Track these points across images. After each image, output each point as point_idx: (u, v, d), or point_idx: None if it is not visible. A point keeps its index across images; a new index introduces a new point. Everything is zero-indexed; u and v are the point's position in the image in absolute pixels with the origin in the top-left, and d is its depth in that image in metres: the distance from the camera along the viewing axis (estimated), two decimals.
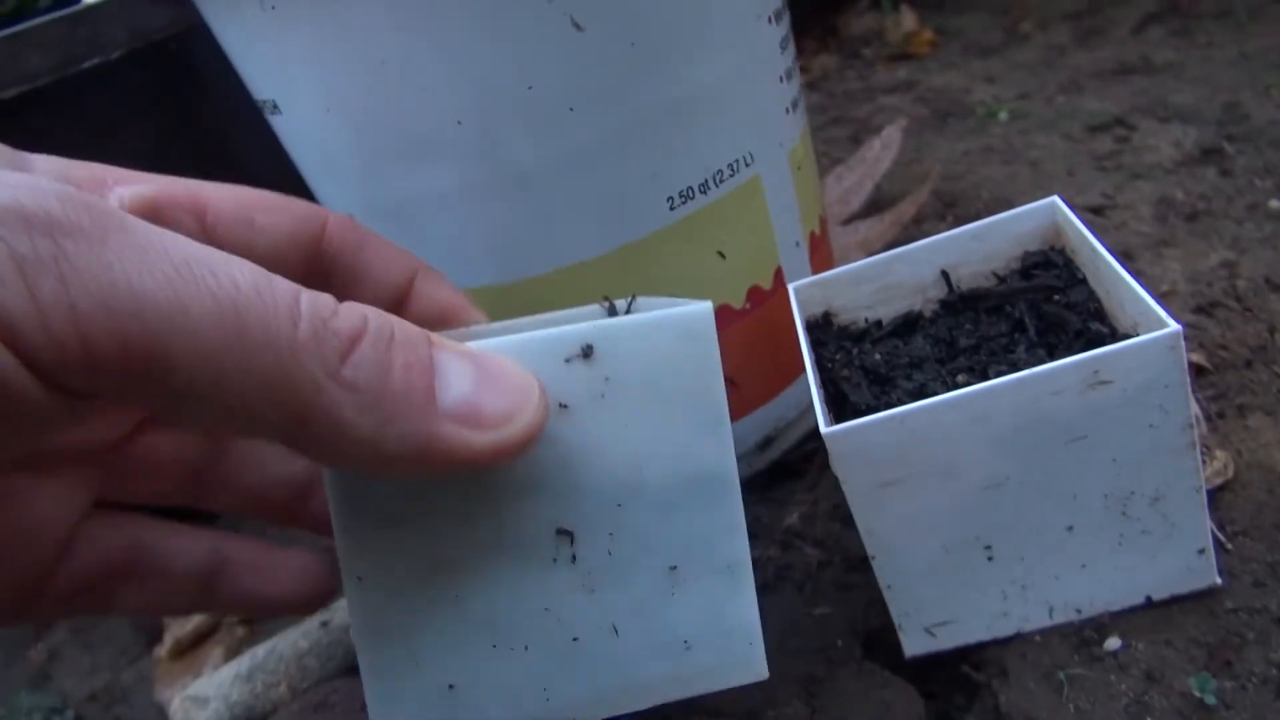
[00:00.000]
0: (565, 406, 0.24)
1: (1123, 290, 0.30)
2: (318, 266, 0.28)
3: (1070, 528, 0.31)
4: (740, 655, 0.27)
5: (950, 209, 0.65)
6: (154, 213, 0.23)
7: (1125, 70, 0.84)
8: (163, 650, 0.47)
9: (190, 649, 0.47)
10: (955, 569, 0.32)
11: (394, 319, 0.21)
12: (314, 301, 0.19)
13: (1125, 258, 0.52)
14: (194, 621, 0.47)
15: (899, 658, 0.34)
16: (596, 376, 0.24)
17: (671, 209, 0.37)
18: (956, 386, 0.32)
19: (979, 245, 0.37)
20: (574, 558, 0.25)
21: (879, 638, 0.35)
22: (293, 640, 0.42)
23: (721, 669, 0.27)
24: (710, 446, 0.25)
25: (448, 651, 0.26)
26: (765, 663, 0.27)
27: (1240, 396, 0.40)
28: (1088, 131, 0.72)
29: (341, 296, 0.25)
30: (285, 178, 0.36)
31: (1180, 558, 0.31)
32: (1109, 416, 0.29)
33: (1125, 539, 0.31)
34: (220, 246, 0.20)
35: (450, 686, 0.26)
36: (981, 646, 0.33)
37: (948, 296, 0.38)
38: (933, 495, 0.30)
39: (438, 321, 0.29)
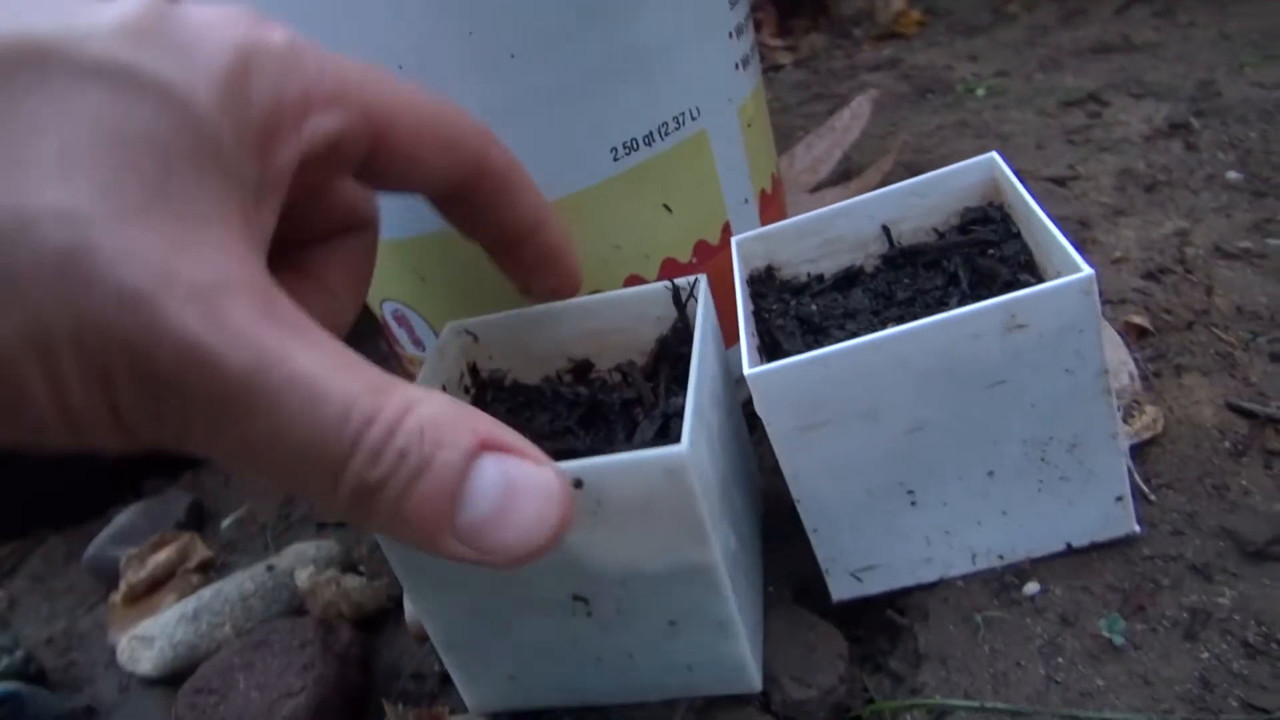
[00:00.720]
0: None
1: (1047, 240, 0.31)
2: (461, 198, 0.30)
3: (991, 473, 0.31)
4: (735, 676, 0.32)
5: None
6: (332, 152, 0.25)
7: (1105, 49, 0.84)
8: (118, 596, 0.48)
9: (145, 595, 0.48)
10: (879, 513, 0.32)
11: (446, 427, 0.23)
12: (379, 434, 0.21)
13: (1082, 226, 0.52)
14: (149, 568, 0.48)
15: (829, 603, 0.34)
16: (589, 500, 0.27)
17: (615, 159, 0.37)
18: None
19: (920, 200, 0.38)
20: (589, 613, 0.31)
21: (810, 584, 0.35)
22: (239, 582, 0.42)
23: (720, 684, 0.32)
24: (696, 549, 0.28)
25: (503, 657, 0.33)
26: (759, 680, 0.32)
27: (1179, 357, 0.40)
28: (1061, 107, 0.73)
29: (472, 224, 0.31)
30: None
31: (1099, 505, 0.32)
32: (1026, 361, 0.29)
33: (1045, 485, 0.31)
34: (383, 178, 0.27)
35: (511, 677, 0.34)
36: (907, 592, 0.34)
37: (888, 251, 0.38)
38: (856, 439, 0.31)
39: (542, 264, 0.33)
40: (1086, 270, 0.28)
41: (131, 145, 0.20)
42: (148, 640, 0.41)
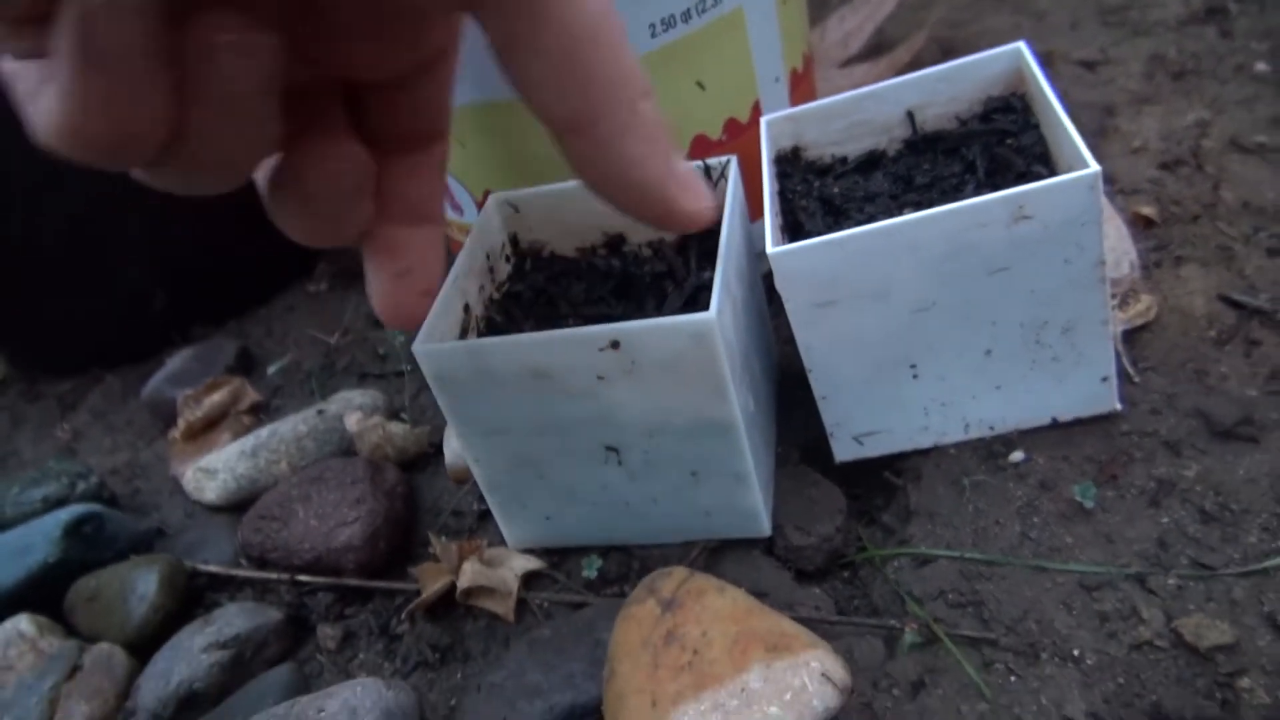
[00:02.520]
0: (602, 377, 0.31)
1: (1060, 133, 0.32)
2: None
3: (988, 351, 0.34)
4: (748, 521, 0.36)
5: (947, 56, 0.65)
6: None
7: None
8: (177, 433, 0.52)
9: (201, 433, 0.52)
10: (884, 385, 0.35)
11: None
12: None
13: (1106, 113, 0.53)
14: (204, 408, 0.52)
15: (831, 463, 0.38)
16: (625, 359, 0.31)
17: (653, 35, 0.38)
18: None
19: (946, 87, 0.39)
20: (620, 462, 0.34)
21: (816, 446, 0.39)
22: (293, 425, 0.46)
23: (735, 528, 0.36)
24: (719, 406, 0.32)
25: (541, 499, 0.37)
26: (769, 525, 0.36)
27: (1181, 249, 0.42)
28: None
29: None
30: None
31: (1085, 384, 0.34)
32: (1029, 250, 0.31)
33: (1037, 364, 0.34)
34: None
35: (547, 517, 0.37)
36: (903, 456, 0.37)
37: (911, 136, 0.40)
38: (867, 316, 0.33)
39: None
40: (1093, 167, 0.29)
41: None
42: (211, 472, 0.45)
